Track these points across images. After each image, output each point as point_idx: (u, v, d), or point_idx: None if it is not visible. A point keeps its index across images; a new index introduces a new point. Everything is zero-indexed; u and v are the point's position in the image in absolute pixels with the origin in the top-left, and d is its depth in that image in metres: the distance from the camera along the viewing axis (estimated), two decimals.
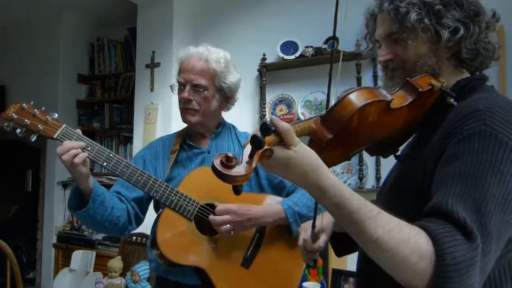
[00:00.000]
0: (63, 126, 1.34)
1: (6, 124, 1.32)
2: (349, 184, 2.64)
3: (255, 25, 3.20)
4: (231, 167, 0.65)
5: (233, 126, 1.66)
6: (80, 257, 3.57)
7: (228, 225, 1.36)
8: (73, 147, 1.27)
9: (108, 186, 1.49)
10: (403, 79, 0.88)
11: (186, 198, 1.41)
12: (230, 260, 1.43)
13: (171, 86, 1.54)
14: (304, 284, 2.02)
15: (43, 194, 4.10)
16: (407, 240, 0.68)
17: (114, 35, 4.21)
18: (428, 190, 0.78)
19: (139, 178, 1.38)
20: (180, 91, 1.49)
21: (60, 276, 3.64)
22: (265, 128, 0.66)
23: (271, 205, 1.46)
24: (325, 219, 1.13)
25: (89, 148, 1.33)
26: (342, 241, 1.15)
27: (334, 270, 2.29)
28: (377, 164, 2.67)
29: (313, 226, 1.08)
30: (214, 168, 0.65)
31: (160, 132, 3.24)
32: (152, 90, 3.36)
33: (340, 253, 1.20)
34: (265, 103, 3.00)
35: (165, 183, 1.41)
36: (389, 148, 0.93)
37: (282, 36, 2.98)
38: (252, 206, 1.41)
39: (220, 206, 1.38)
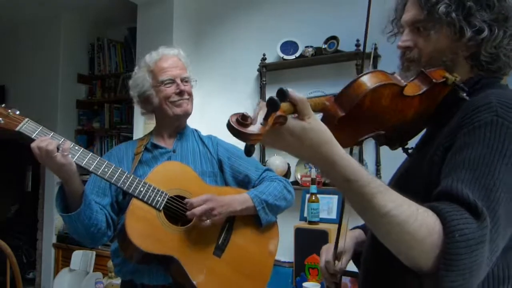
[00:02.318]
0: (26, 120, 1.31)
1: None
2: None
3: (255, 25, 3.20)
4: (247, 125, 0.65)
5: (196, 130, 1.72)
6: (80, 257, 3.57)
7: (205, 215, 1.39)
8: (48, 139, 1.26)
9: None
10: (417, 71, 0.88)
11: (154, 189, 1.41)
12: (202, 249, 1.44)
13: (163, 83, 1.54)
14: (304, 284, 2.02)
15: (43, 194, 4.10)
16: (415, 215, 0.67)
17: (114, 35, 4.21)
18: (436, 181, 0.77)
19: (106, 169, 1.37)
20: (169, 85, 1.54)
21: (60, 276, 3.64)
22: (282, 93, 0.66)
23: (238, 194, 1.51)
24: (347, 240, 1.11)
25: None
26: None
27: None
28: (377, 164, 2.67)
29: (336, 246, 1.07)
30: (229, 126, 0.64)
31: None
32: None
33: None
34: None
35: (133, 175, 1.42)
36: (398, 140, 0.93)
37: (282, 36, 2.98)
38: (219, 196, 1.45)
39: (193, 199, 1.40)
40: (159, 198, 1.41)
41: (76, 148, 1.34)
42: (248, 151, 0.68)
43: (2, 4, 3.79)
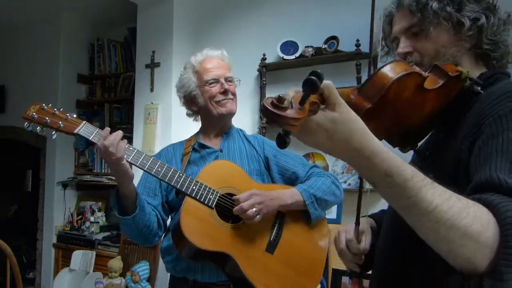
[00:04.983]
0: (83, 122, 1.39)
1: (27, 123, 1.37)
2: (349, 184, 2.65)
3: (255, 25, 3.20)
4: (284, 109, 0.59)
5: (241, 129, 1.74)
6: (80, 257, 3.57)
7: (254, 208, 1.39)
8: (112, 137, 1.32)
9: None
10: (431, 65, 0.86)
11: (206, 187, 1.44)
12: (255, 246, 1.45)
13: (207, 83, 1.58)
14: None
15: (43, 194, 4.10)
16: (466, 210, 0.61)
17: (114, 35, 4.21)
18: (464, 180, 0.74)
19: (159, 169, 1.41)
20: (214, 85, 1.58)
21: (60, 276, 3.64)
22: (317, 75, 0.58)
23: (286, 188, 1.53)
24: (364, 223, 1.04)
25: None
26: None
27: (334, 270, 2.29)
28: None
29: (357, 223, 0.98)
30: (265, 109, 0.59)
31: (160, 132, 3.24)
32: (152, 90, 3.36)
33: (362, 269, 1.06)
34: None
35: (184, 173, 1.45)
36: (409, 142, 0.92)
37: (282, 36, 2.98)
38: (267, 191, 1.47)
39: (240, 195, 1.42)
40: (211, 196, 1.43)
41: (131, 148, 1.38)
42: (284, 142, 0.61)
43: (2, 4, 3.79)
